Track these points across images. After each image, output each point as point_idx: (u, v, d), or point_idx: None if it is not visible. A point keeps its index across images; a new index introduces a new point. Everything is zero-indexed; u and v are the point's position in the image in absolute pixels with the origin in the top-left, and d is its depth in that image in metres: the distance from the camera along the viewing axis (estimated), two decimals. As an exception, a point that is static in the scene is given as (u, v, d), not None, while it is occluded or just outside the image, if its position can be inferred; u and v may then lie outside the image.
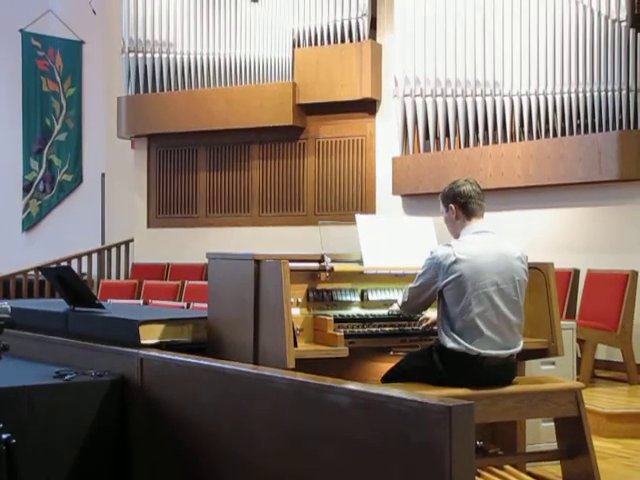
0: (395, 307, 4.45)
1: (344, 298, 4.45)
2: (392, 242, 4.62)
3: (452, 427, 2.89)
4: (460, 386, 4.01)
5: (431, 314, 4.40)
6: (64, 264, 11.06)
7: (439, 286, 4.12)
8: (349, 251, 4.57)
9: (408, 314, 4.43)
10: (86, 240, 12.64)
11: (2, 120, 14.39)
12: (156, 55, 11.04)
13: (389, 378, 4.29)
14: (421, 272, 4.21)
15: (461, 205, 4.26)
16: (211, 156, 11.33)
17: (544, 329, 4.50)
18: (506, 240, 4.29)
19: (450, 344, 4.06)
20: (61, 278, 5.23)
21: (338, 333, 4.16)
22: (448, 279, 4.07)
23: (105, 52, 12.52)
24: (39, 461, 3.98)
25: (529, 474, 4.63)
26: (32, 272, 11.82)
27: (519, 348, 4.21)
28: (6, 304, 3.26)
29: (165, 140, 11.51)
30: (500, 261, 4.15)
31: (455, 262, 4.06)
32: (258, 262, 4.21)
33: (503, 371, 4.16)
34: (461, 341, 4.04)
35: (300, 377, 3.60)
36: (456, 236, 4.29)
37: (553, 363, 5.13)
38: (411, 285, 4.28)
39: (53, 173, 14.16)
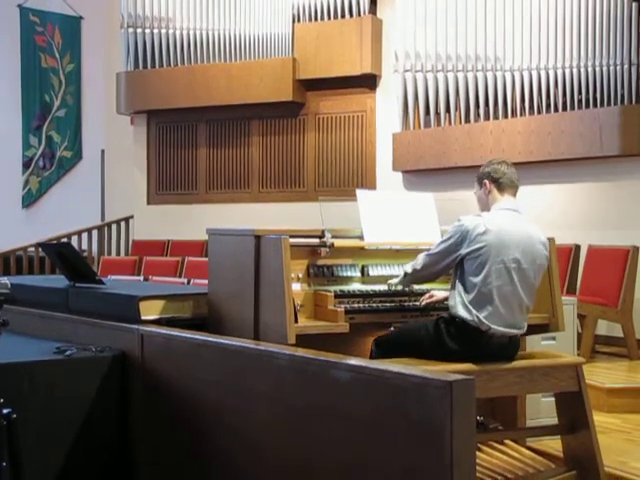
0: (398, 278, 4.41)
1: (345, 274, 4.44)
2: (393, 217, 4.60)
3: (453, 402, 2.89)
4: (466, 359, 4.01)
5: (438, 293, 4.39)
6: (64, 240, 11.07)
7: (461, 254, 4.09)
8: (350, 227, 4.56)
9: (414, 283, 4.39)
10: (86, 216, 12.64)
11: (1, 96, 14.33)
12: (155, 30, 10.97)
13: (383, 343, 4.30)
14: (445, 238, 4.18)
15: (494, 180, 4.32)
16: (211, 132, 11.30)
17: (545, 304, 4.50)
18: (532, 223, 4.29)
19: (463, 313, 4.04)
20: (61, 254, 5.22)
21: (338, 309, 4.15)
22: (473, 247, 4.06)
23: (104, 28, 12.44)
24: (40, 436, 4.00)
25: (529, 449, 4.65)
26: (32, 248, 11.82)
27: (524, 329, 4.22)
28: (6, 280, 3.25)
29: (165, 116, 11.47)
30: (525, 241, 4.16)
31: (484, 233, 4.06)
32: (258, 238, 4.20)
33: (508, 347, 4.16)
34: (474, 311, 4.03)
35: (301, 353, 3.60)
36: (486, 211, 4.30)
37: (554, 338, 5.13)
38: (428, 252, 4.26)
39: (53, 149, 14.13)
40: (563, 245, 7.32)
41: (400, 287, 4.44)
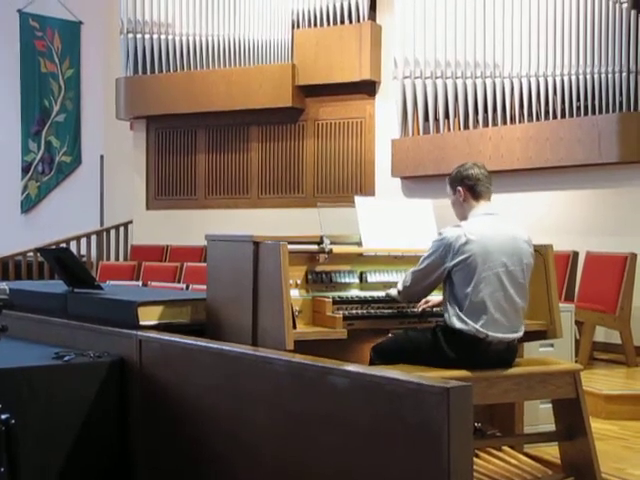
0: (393, 292, 4.40)
1: (343, 280, 4.44)
2: (391, 224, 4.61)
3: (450, 408, 2.89)
4: (464, 367, 4.01)
5: (433, 297, 4.39)
6: (63, 245, 11.06)
7: (448, 267, 4.08)
8: (348, 233, 4.56)
9: (407, 301, 4.39)
10: (85, 222, 12.63)
11: (0, 101, 14.33)
12: (155, 36, 10.99)
13: (381, 351, 4.29)
14: (428, 254, 4.16)
15: (469, 187, 4.26)
16: (210, 138, 11.31)
17: (543, 311, 4.50)
18: (512, 223, 4.28)
19: (458, 324, 4.04)
20: (60, 259, 5.23)
21: (337, 315, 4.15)
22: (458, 260, 4.04)
23: (104, 33, 12.46)
24: (39, 441, 3.99)
25: (527, 455, 4.65)
26: (31, 253, 11.82)
27: (522, 332, 4.22)
28: (5, 285, 3.26)
29: (164, 122, 11.48)
30: (509, 243, 4.14)
31: (466, 243, 4.04)
32: (257, 244, 4.21)
33: (506, 353, 4.17)
34: (469, 322, 4.03)
35: (299, 359, 3.60)
36: (463, 219, 4.26)
37: (552, 345, 5.13)
38: (414, 269, 4.24)
39: (52, 154, 14.13)
40: (561, 252, 7.33)
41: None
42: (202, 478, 3.98)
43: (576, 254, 7.80)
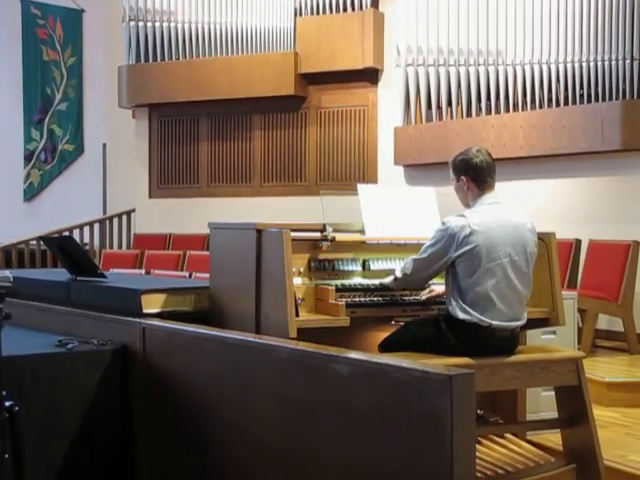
0: (389, 280, 4.36)
1: (346, 268, 4.44)
2: (394, 212, 4.61)
3: (453, 396, 2.90)
4: (467, 355, 4.01)
5: (437, 287, 4.38)
6: (66, 234, 11.08)
7: (451, 257, 4.05)
8: (351, 221, 4.56)
9: (405, 287, 4.36)
10: (88, 210, 12.65)
11: (3, 89, 14.33)
12: (157, 24, 10.97)
13: (388, 345, 4.29)
14: (431, 243, 4.13)
15: (473, 177, 4.21)
16: (213, 126, 11.30)
17: (545, 299, 4.51)
18: (515, 210, 4.27)
19: (462, 315, 4.04)
20: (63, 248, 5.23)
21: (340, 302, 4.15)
22: (462, 250, 4.02)
23: (106, 21, 12.44)
24: (42, 429, 4.01)
25: (529, 442, 4.66)
26: (34, 242, 11.83)
27: (525, 320, 4.22)
28: (8, 273, 3.26)
29: (166, 110, 11.47)
30: (513, 233, 4.13)
31: (470, 234, 4.02)
32: (260, 232, 4.21)
33: (510, 340, 4.17)
34: (473, 312, 4.02)
35: (302, 346, 3.61)
36: (466, 205, 4.25)
37: (554, 333, 5.14)
38: (416, 257, 4.21)
39: (54, 143, 14.12)
40: (564, 239, 7.32)
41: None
42: (205, 466, 3.99)
43: (579, 242, 7.80)
